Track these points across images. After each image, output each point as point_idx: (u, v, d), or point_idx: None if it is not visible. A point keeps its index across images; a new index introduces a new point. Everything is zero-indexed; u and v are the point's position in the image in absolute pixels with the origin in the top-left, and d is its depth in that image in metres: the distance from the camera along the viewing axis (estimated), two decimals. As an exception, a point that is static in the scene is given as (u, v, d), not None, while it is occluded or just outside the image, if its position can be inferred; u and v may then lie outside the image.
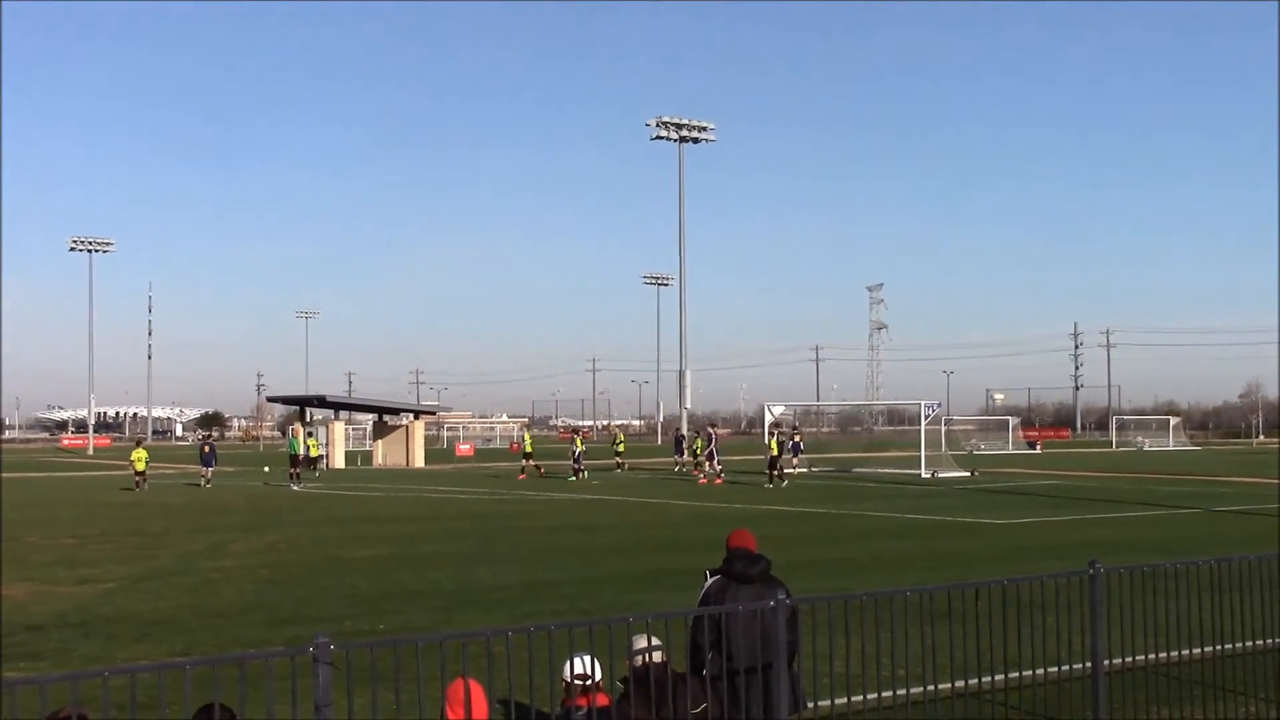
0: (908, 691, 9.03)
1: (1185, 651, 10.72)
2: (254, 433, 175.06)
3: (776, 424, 58.16)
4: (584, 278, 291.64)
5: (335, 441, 73.69)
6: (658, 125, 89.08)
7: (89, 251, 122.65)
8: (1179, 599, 9.85)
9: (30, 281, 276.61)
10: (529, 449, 60.32)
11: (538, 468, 58.04)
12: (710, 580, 8.96)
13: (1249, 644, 10.35)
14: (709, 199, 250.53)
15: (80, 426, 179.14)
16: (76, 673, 6.68)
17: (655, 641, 7.94)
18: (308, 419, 77.38)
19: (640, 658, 7.83)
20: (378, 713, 6.59)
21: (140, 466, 50.14)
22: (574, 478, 53.16)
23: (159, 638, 15.51)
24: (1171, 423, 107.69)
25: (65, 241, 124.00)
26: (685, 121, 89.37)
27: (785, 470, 52.02)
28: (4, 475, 56.99)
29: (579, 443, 56.64)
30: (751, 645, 8.11)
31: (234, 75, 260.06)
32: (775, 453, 50.47)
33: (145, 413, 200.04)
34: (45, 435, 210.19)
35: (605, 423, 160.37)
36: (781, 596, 8.04)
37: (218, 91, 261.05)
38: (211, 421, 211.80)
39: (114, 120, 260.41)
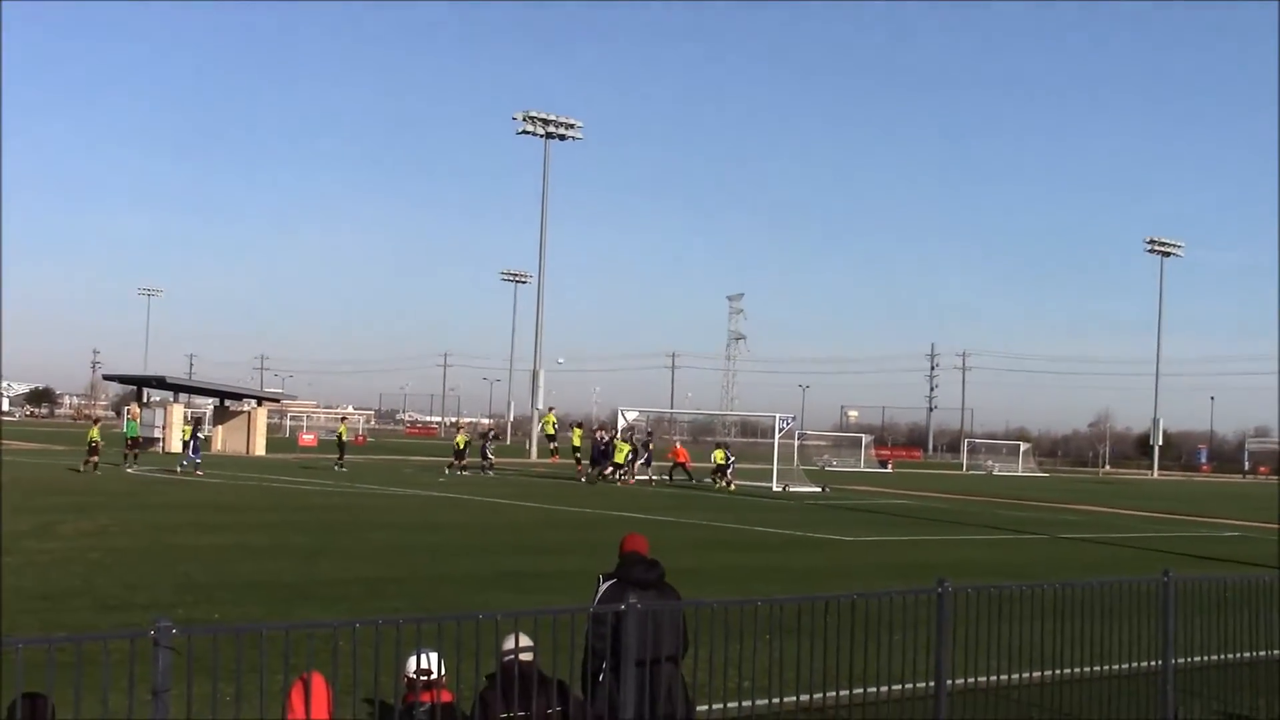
0: (753, 704, 9.02)
1: (1027, 674, 10.86)
2: (86, 411, 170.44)
3: (630, 429, 58.49)
4: (439, 271, 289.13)
5: (172, 425, 71.94)
6: (524, 120, 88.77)
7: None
8: (1023, 622, 9.95)
9: None
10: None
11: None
12: (604, 585, 8.81)
13: (1089, 669, 10.51)
14: (572, 198, 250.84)
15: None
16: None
17: (526, 641, 7.83)
18: (145, 400, 75.49)
19: (509, 655, 7.71)
20: (217, 702, 6.36)
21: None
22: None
23: (-20, 618, 14.91)
24: (1022, 448, 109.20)
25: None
26: (553, 117, 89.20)
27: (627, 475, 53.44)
28: None
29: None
30: (646, 649, 7.90)
31: (83, 46, 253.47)
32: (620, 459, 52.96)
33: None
34: None
35: (454, 419, 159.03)
36: (676, 602, 7.96)
37: (65, 57, 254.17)
38: (41, 398, 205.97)
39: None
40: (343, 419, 71.26)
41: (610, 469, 53.35)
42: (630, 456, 54.22)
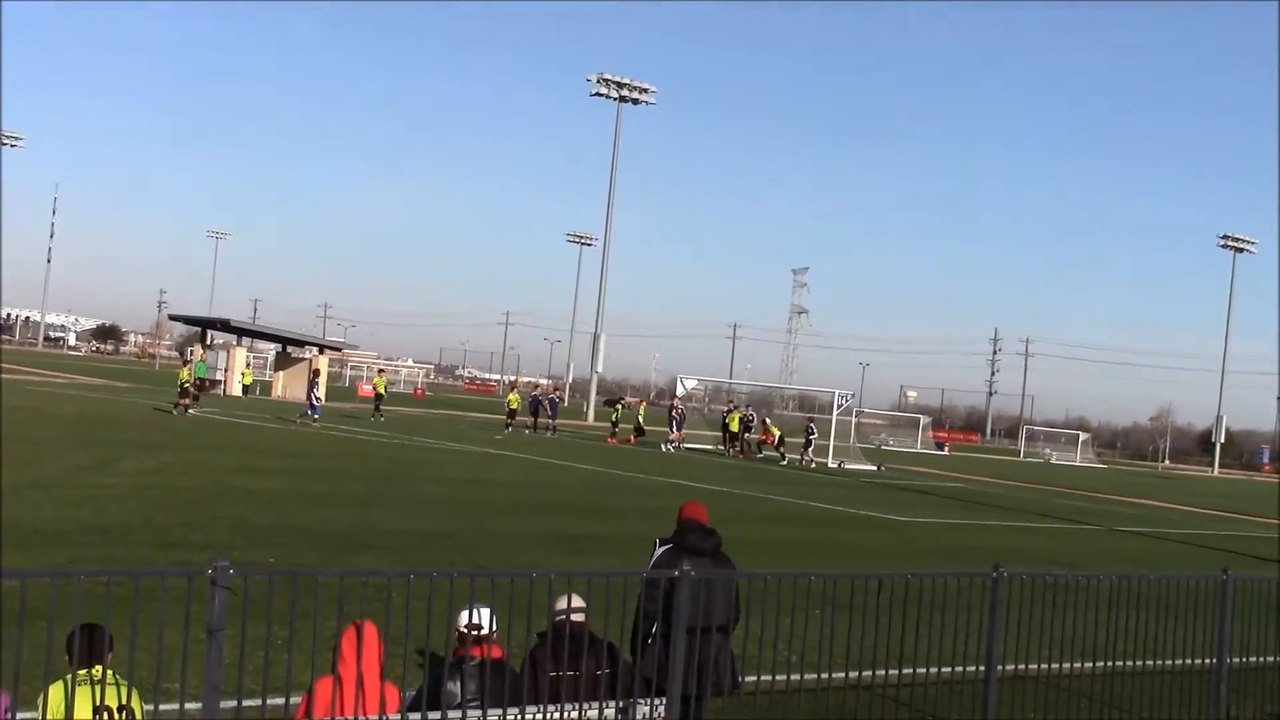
0: (801, 678, 8.97)
1: (1077, 664, 10.77)
2: (151, 350, 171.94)
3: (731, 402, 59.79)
4: (506, 229, 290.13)
5: (235, 368, 72.52)
6: (598, 82, 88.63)
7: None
8: (1076, 612, 9.87)
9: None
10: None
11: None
12: (660, 549, 8.79)
13: (1139, 663, 10.40)
14: (641, 163, 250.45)
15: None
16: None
17: (579, 602, 7.84)
18: (209, 342, 76.11)
19: (561, 614, 7.72)
20: (270, 644, 6.40)
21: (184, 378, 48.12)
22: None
23: (40, 549, 15.08)
24: (1081, 438, 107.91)
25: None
26: (626, 81, 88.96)
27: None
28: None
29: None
30: (698, 617, 7.87)
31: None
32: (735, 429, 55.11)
33: (40, 317, 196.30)
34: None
35: (512, 378, 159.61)
36: (730, 571, 7.93)
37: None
38: (107, 334, 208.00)
39: (34, 11, 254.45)
40: (380, 371, 71.71)
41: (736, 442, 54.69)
42: (743, 428, 55.28)
